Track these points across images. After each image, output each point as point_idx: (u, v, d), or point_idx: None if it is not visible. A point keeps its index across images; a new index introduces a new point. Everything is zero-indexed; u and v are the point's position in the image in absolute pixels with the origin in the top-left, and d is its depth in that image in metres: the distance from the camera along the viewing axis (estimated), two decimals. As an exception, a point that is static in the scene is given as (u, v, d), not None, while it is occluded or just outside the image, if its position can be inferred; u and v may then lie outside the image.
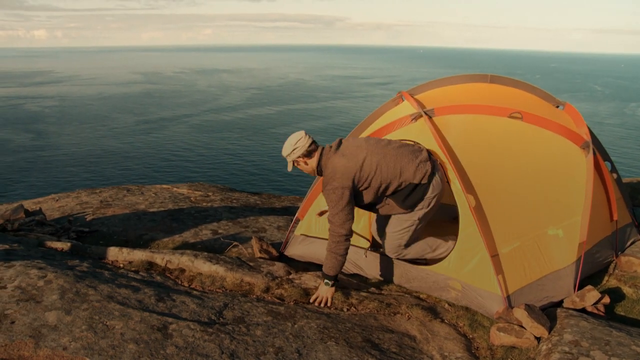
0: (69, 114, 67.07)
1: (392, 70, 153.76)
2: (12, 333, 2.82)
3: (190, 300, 3.49)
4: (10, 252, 4.24)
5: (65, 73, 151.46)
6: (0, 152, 46.13)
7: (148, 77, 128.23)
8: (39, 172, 40.26)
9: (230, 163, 40.45)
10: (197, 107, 69.24)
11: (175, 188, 7.55)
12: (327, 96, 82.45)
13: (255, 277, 4.07)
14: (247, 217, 5.98)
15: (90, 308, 3.16)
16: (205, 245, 5.04)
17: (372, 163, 3.81)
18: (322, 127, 54.83)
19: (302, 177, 35.24)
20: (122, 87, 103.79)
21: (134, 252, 4.44)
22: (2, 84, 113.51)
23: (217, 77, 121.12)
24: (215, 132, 52.40)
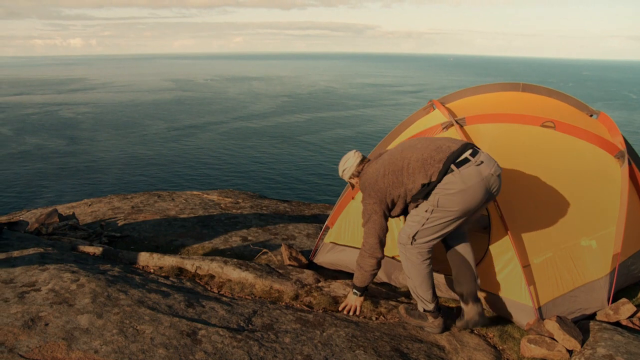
0: (102, 120, 68.14)
1: (422, 78, 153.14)
2: (46, 335, 2.87)
3: (219, 307, 3.50)
4: (45, 256, 4.31)
5: (99, 80, 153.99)
6: (36, 157, 47.05)
7: (179, 84, 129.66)
8: (72, 177, 40.93)
9: (260, 170, 40.63)
10: (228, 115, 69.77)
11: (206, 195, 7.61)
12: (356, 104, 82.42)
13: (284, 284, 4.07)
14: (277, 224, 5.99)
15: (121, 312, 3.19)
16: (234, 252, 5.07)
17: (388, 171, 3.58)
18: (352, 135, 54.78)
19: (331, 186, 35.24)
20: (154, 94, 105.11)
21: (164, 258, 4.48)
22: (39, 91, 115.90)
23: (248, 85, 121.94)
24: (245, 139, 52.71)
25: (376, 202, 3.60)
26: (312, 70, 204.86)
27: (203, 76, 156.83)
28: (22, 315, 3.11)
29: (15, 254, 4.38)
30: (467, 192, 3.34)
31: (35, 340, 2.81)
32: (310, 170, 40.71)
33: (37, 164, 45.31)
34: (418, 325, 3.72)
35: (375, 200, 3.60)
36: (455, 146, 3.45)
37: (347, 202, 4.69)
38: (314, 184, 36.63)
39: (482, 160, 3.37)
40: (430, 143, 3.56)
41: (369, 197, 3.62)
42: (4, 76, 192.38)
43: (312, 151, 47.96)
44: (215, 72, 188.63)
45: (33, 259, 4.23)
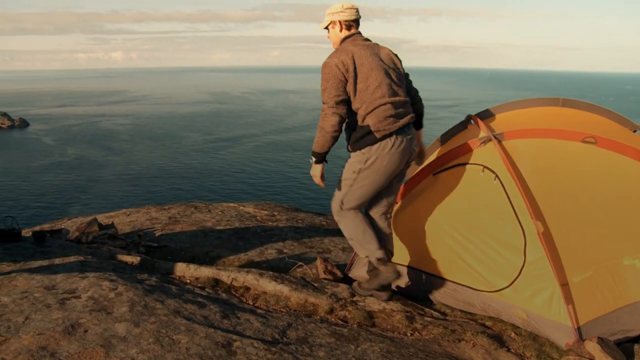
0: (141, 131, 69.37)
1: (459, 92, 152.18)
2: (84, 341, 2.92)
3: (254, 319, 3.51)
4: (85, 264, 4.40)
5: (138, 92, 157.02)
6: (77, 166, 48.08)
7: (217, 97, 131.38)
8: (111, 186, 41.70)
9: (295, 183, 40.80)
10: (264, 127, 70.30)
11: (242, 207, 7.67)
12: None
13: (319, 298, 4.07)
14: (312, 237, 6.00)
15: (158, 322, 3.22)
16: (270, 264, 5.09)
17: (375, 71, 3.81)
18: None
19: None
20: (191, 106, 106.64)
21: (200, 269, 4.52)
22: (81, 102, 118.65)
23: (284, 98, 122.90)
24: (281, 152, 53.05)
25: (337, 72, 3.75)
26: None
27: (240, 89, 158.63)
28: (63, 321, 3.18)
29: (57, 261, 4.49)
30: (395, 156, 3.81)
31: (75, 346, 2.86)
32: (346, 184, 40.73)
33: (78, 173, 46.34)
34: (374, 288, 4.14)
35: (341, 76, 3.75)
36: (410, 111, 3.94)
37: (384, 215, 4.69)
38: (350, 197, 36.63)
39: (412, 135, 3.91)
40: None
41: (336, 68, 3.75)
42: (50, 89, 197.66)
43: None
44: (252, 85, 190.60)
45: (74, 266, 4.32)
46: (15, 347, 2.85)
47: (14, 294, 3.65)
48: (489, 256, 4.02)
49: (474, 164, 4.17)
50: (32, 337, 2.96)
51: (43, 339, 2.94)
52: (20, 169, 49.34)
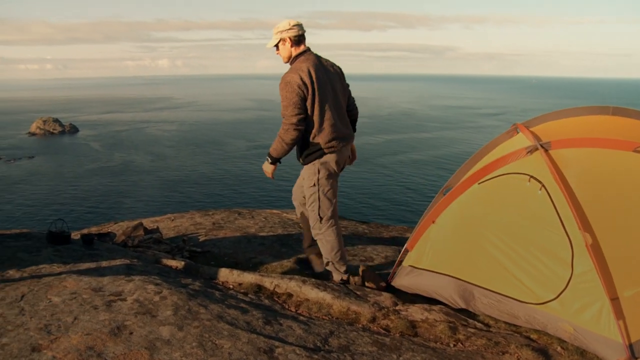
0: (186, 138, 70.39)
1: (504, 101, 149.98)
2: (130, 343, 2.97)
3: (296, 325, 3.52)
4: (131, 267, 4.48)
5: (184, 99, 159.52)
6: (123, 171, 49.04)
7: (260, 104, 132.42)
8: (156, 191, 42.39)
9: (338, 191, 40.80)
10: (308, 134, 70.46)
11: (285, 214, 7.69)
12: (436, 126, 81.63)
13: (361, 306, 4.05)
14: (355, 245, 5.98)
15: (201, 326, 3.25)
16: (312, 271, 5.09)
17: (327, 90, 4.36)
18: (430, 158, 54.30)
19: (411, 209, 34.90)
20: (235, 113, 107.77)
21: (243, 275, 4.55)
22: (129, 109, 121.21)
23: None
24: (321, 159, 53.06)
25: (301, 84, 4.21)
26: (391, 92, 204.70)
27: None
28: (109, 322, 3.24)
29: (104, 263, 4.58)
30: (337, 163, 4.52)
31: (121, 348, 2.91)
32: (389, 192, 40.54)
33: (124, 178, 47.26)
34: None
35: (302, 93, 4.23)
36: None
37: (427, 225, 4.64)
38: (393, 206, 36.42)
39: None
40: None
41: (297, 76, 4.22)
42: (99, 95, 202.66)
43: (390, 172, 47.83)
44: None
45: (120, 269, 4.40)
46: (65, 346, 2.92)
47: (63, 294, 3.75)
48: (535, 267, 3.93)
49: (519, 173, 4.10)
50: (81, 337, 3.03)
51: (90, 339, 3.00)
52: (69, 173, 50.60)
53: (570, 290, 3.69)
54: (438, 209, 4.59)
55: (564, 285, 3.74)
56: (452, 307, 4.36)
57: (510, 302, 4.06)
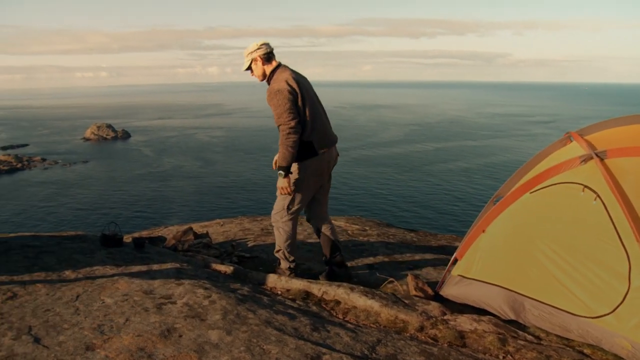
0: (235, 144, 71.17)
1: (556, 108, 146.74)
2: (179, 346, 3.01)
3: (344, 333, 3.51)
4: (181, 271, 4.55)
5: (233, 106, 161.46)
6: (173, 177, 49.86)
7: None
8: (205, 197, 42.95)
9: (386, 198, 40.58)
10: (356, 141, 70.50)
11: (333, 220, 7.67)
12: (486, 134, 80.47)
13: (409, 315, 4.01)
14: (403, 253, 5.94)
15: (249, 331, 3.28)
16: (360, 279, 5.07)
17: (310, 93, 4.73)
18: (480, 165, 53.55)
19: (459, 217, 34.46)
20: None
21: (292, 281, 4.57)
22: (179, 115, 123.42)
23: (377, 113, 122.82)
24: (372, 166, 52.97)
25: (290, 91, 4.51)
26: (440, 99, 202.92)
27: (332, 103, 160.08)
28: (160, 325, 3.30)
29: (155, 267, 4.66)
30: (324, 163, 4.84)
31: (170, 350, 2.95)
32: (438, 200, 40.14)
33: (175, 183, 48.06)
34: None
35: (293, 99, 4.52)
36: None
37: (477, 234, 4.57)
38: (441, 215, 36.03)
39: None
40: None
41: (284, 85, 4.52)
42: (150, 102, 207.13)
43: (439, 180, 47.36)
44: (344, 99, 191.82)
45: (170, 273, 4.48)
46: (117, 346, 2.99)
47: (116, 296, 3.84)
48: (589, 279, 3.82)
49: (573, 182, 4.00)
50: (132, 338, 3.10)
51: (141, 341, 3.06)
52: (121, 177, 51.75)
53: (628, 304, 3.58)
54: (488, 218, 4.52)
55: (620, 299, 3.63)
56: (502, 318, 4.28)
57: (562, 314, 3.96)
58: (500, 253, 4.43)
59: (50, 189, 47.82)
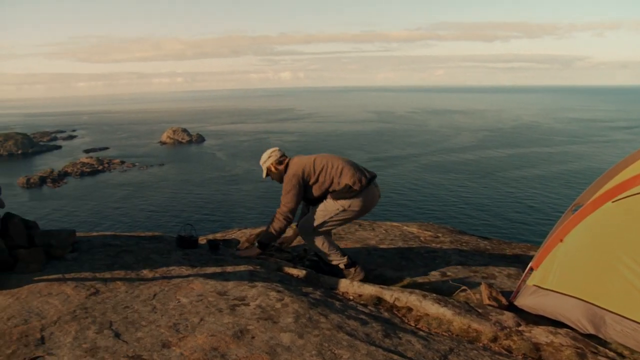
0: (306, 148, 71.70)
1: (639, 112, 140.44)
2: (252, 347, 3.05)
3: (415, 340, 3.47)
4: (254, 273, 4.62)
5: (305, 111, 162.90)
6: (245, 180, 50.72)
7: (381, 116, 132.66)
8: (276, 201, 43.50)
9: (458, 205, 39.99)
10: (427, 147, 69.84)
11: (406, 226, 7.62)
12: (563, 140, 78.05)
13: (483, 324, 3.93)
14: (477, 261, 5.83)
15: (321, 335, 3.29)
16: (433, 286, 5.00)
17: (320, 162, 5.06)
18: (556, 172, 52.02)
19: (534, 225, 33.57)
20: (355, 124, 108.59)
21: (364, 286, 4.56)
22: (252, 119, 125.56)
23: (449, 118, 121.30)
24: (444, 172, 52.35)
25: (296, 176, 5.00)
26: (515, 104, 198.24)
27: (404, 108, 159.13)
28: (233, 325, 3.36)
29: (228, 269, 4.75)
30: (368, 202, 5.12)
31: (243, 351, 3.00)
32: (511, 208, 39.24)
33: (246, 186, 48.91)
34: None
35: (298, 180, 5.00)
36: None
37: (555, 243, 4.43)
38: (515, 223, 35.21)
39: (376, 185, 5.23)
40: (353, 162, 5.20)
41: (294, 177, 5.00)
42: (224, 107, 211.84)
43: (513, 188, 46.29)
44: (416, 104, 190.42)
45: (244, 275, 4.55)
46: (191, 345, 3.06)
47: (191, 296, 3.93)
48: (678, 295, 3.65)
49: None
50: (206, 338, 3.16)
51: (215, 341, 3.12)
52: (195, 180, 53.05)
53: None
54: (567, 227, 4.38)
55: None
56: (580, 332, 4.13)
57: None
58: (579, 264, 4.28)
59: (127, 190, 49.63)
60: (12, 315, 3.60)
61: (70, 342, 3.18)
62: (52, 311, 3.67)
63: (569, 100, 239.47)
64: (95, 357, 2.97)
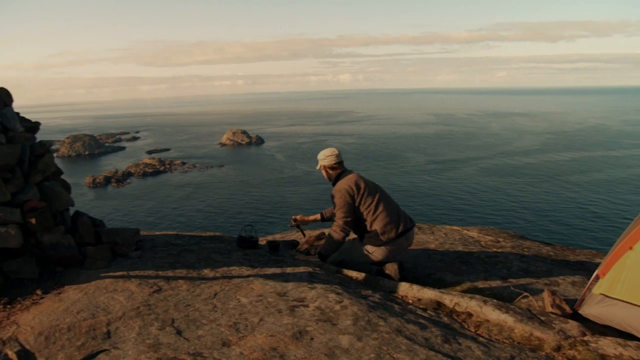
0: (366, 151, 71.67)
1: None
2: (310, 348, 3.07)
3: (475, 346, 3.41)
4: (313, 275, 4.64)
5: (364, 113, 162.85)
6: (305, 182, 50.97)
7: (440, 118, 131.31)
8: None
9: (519, 209, 39.17)
10: (488, 150, 68.73)
11: (466, 230, 7.51)
12: (632, 143, 75.39)
13: (546, 332, 3.83)
14: (539, 267, 5.68)
15: (380, 338, 3.27)
16: (493, 292, 4.91)
17: (368, 195, 5.21)
18: (625, 177, 50.30)
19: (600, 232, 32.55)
20: (415, 127, 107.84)
21: (423, 290, 4.51)
22: (311, 122, 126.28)
23: (511, 120, 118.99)
24: (505, 176, 51.40)
25: (351, 199, 5.17)
26: (580, 106, 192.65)
27: (465, 111, 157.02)
28: (292, 326, 3.38)
29: (288, 270, 4.79)
30: (392, 254, 5.30)
31: (302, 352, 3.02)
32: (575, 214, 38.16)
33: (305, 188, 49.16)
34: None
35: (350, 198, 5.17)
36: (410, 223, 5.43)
37: (624, 251, 4.28)
38: (578, 229, 34.24)
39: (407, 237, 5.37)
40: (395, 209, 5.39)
41: (346, 194, 5.17)
42: (283, 109, 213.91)
43: (576, 193, 45.01)
44: (477, 107, 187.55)
45: (303, 276, 4.58)
46: (251, 345, 3.10)
47: (251, 296, 3.99)
48: None
49: None
50: (265, 338, 3.20)
51: (274, 341, 3.15)
52: (254, 181, 53.71)
53: None
54: (637, 234, 4.22)
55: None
56: (624, 332, 3.98)
57: None
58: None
59: (186, 190, 50.71)
60: (81, 309, 3.74)
61: (134, 337, 3.28)
62: (117, 307, 3.79)
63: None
64: (157, 352, 3.05)
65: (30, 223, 4.59)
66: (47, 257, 4.64)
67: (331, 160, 5.47)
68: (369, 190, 5.24)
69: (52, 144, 5.21)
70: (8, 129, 4.75)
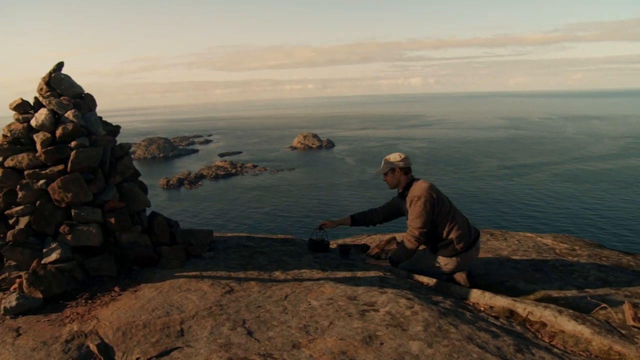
0: (436, 155, 70.87)
1: None
2: (380, 353, 3.06)
3: (550, 358, 3.31)
4: (384, 280, 4.63)
5: (435, 117, 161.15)
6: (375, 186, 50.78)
7: (513, 122, 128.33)
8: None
9: (596, 217, 37.79)
10: (563, 155, 66.67)
11: (540, 237, 7.31)
12: None
13: (627, 347, 3.68)
14: (618, 278, 5.46)
15: (451, 345, 3.23)
16: (569, 301, 4.76)
17: (446, 203, 5.12)
18: None
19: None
20: (486, 131, 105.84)
21: (495, 298, 4.42)
22: (382, 126, 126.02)
23: (587, 124, 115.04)
24: (581, 182, 49.75)
25: (432, 208, 5.03)
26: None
27: (538, 114, 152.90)
28: (362, 331, 3.39)
29: (359, 274, 4.80)
30: (462, 265, 5.23)
31: (371, 357, 3.02)
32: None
33: (374, 192, 48.95)
34: None
35: (431, 206, 5.02)
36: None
37: None
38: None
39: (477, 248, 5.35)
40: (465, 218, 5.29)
41: (427, 202, 4.99)
42: (354, 113, 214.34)
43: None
44: (551, 110, 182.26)
45: (374, 281, 4.58)
46: (320, 347, 3.12)
47: (321, 299, 4.01)
48: None
49: None
50: (335, 341, 3.21)
51: (344, 345, 3.17)
52: (324, 185, 53.89)
53: None
54: None
55: None
56: None
57: None
58: None
59: (257, 193, 51.39)
60: (156, 307, 3.87)
61: (206, 336, 3.36)
62: (190, 306, 3.89)
63: None
64: (228, 352, 3.12)
65: (110, 222, 4.78)
66: (124, 255, 4.82)
67: (407, 163, 5.31)
68: (444, 199, 5.15)
69: (130, 147, 5.42)
70: (91, 132, 4.96)
